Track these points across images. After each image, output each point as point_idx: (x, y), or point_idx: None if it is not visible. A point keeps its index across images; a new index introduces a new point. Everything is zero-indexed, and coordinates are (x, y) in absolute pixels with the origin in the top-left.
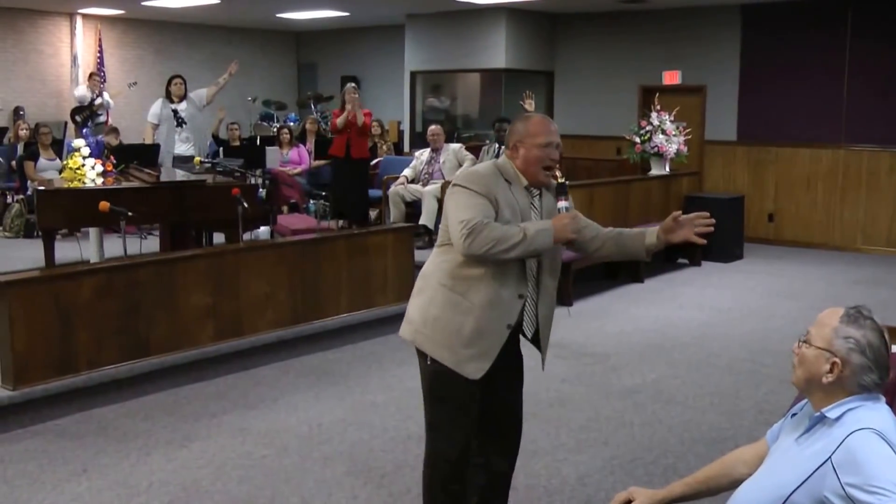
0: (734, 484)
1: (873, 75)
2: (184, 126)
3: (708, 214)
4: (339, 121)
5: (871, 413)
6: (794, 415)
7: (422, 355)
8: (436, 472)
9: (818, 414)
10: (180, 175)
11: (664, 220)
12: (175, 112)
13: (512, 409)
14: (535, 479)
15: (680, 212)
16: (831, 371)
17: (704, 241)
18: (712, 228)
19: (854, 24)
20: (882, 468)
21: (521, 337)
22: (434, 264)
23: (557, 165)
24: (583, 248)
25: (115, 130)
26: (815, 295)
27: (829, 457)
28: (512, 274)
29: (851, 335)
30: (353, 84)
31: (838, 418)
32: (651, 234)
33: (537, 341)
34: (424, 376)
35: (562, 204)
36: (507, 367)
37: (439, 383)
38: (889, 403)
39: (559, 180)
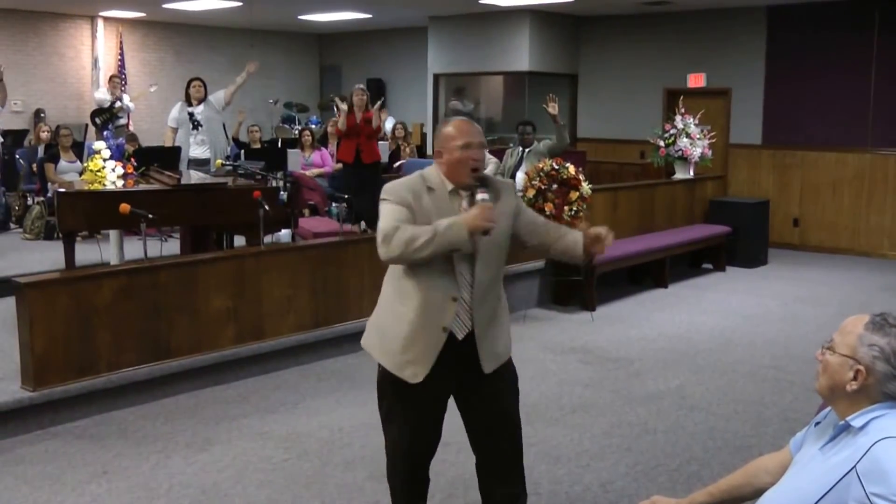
0: (757, 493)
1: None
2: (199, 129)
3: (604, 233)
4: (340, 124)
5: None
6: (817, 423)
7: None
8: (387, 465)
9: (843, 423)
10: (198, 178)
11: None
12: (191, 115)
13: (495, 426)
14: (558, 486)
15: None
16: (855, 379)
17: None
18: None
19: (882, 25)
20: None
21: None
22: (386, 275)
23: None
24: (520, 241)
25: (134, 138)
26: (841, 301)
27: (854, 466)
28: (441, 277)
29: (876, 343)
30: (360, 85)
31: (863, 427)
32: (581, 243)
33: (473, 345)
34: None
35: (480, 196)
36: (480, 379)
37: (383, 387)
38: None
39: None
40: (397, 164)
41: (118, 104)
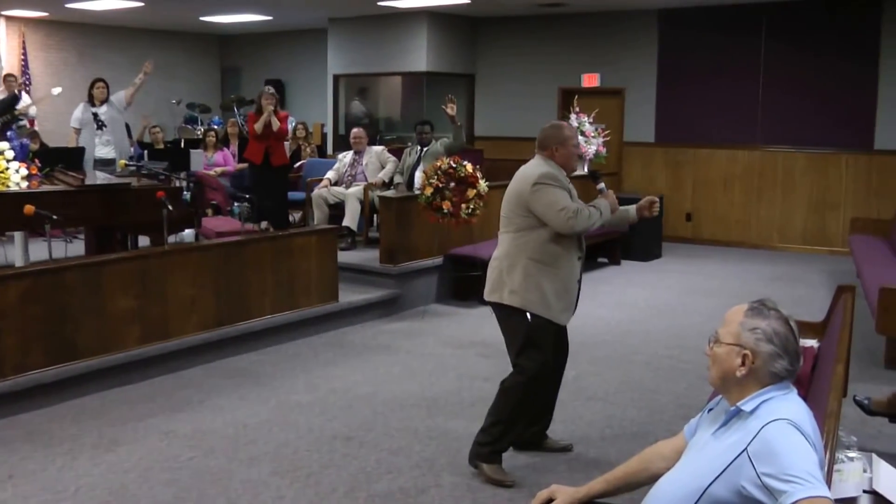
0: (653, 479)
1: (787, 79)
2: (104, 129)
3: (657, 199)
4: (258, 126)
5: (784, 404)
6: (710, 409)
7: (519, 313)
8: (527, 389)
9: (734, 408)
10: (102, 178)
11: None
12: (95, 115)
13: (567, 347)
14: (459, 477)
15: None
16: (743, 364)
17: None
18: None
19: (769, 30)
20: (796, 457)
21: None
22: (515, 246)
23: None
24: None
25: (35, 134)
26: (733, 292)
27: (745, 448)
28: (575, 243)
29: (757, 326)
30: (270, 87)
31: (753, 410)
32: (632, 211)
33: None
34: (520, 330)
35: (601, 185)
36: None
37: (538, 332)
38: (802, 396)
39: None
40: (298, 164)
41: (21, 105)
